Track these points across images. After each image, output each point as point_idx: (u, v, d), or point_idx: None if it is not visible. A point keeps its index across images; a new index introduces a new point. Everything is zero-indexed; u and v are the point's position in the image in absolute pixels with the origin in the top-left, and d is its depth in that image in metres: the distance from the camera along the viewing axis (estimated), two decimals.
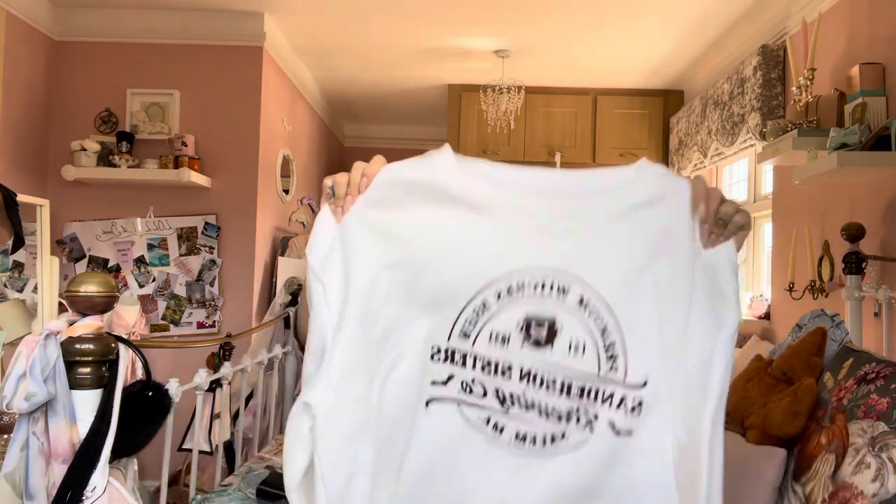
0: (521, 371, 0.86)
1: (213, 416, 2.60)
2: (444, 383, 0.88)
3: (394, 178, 0.88)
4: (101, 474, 1.20)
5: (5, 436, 1.87)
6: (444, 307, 0.87)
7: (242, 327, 3.64)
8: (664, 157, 4.76)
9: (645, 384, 0.85)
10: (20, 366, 1.17)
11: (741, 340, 3.44)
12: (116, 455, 1.27)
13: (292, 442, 0.88)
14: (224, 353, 2.61)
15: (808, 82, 2.46)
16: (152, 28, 3.75)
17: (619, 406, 0.86)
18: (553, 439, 0.87)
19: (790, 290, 2.66)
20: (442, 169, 0.88)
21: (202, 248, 3.76)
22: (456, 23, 3.78)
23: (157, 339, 3.69)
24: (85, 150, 3.52)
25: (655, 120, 4.80)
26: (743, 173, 4.12)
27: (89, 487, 1.19)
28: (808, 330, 1.89)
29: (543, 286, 0.85)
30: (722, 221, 0.83)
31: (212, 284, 3.76)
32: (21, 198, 2.56)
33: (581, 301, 0.84)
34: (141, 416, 1.32)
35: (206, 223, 3.76)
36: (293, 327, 3.15)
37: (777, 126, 2.56)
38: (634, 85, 4.75)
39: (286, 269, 3.89)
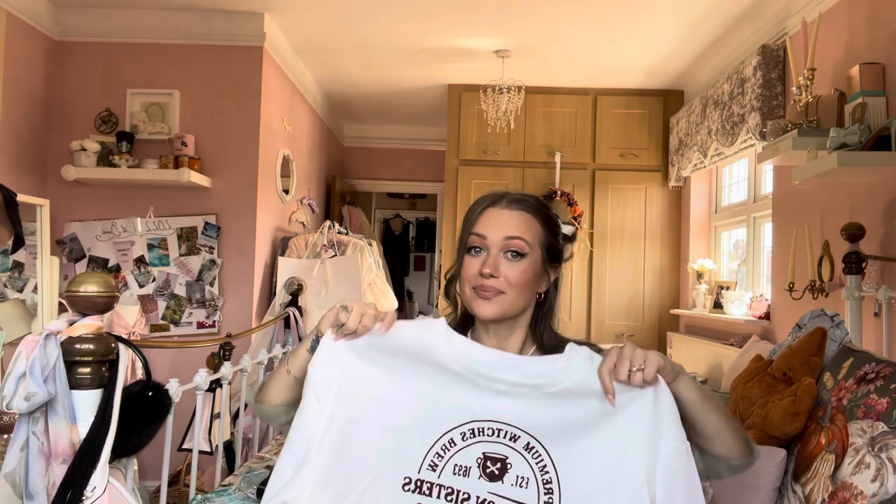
0: (478, 499, 1.02)
1: (213, 416, 2.60)
2: None
3: (398, 334, 1.10)
4: (101, 474, 1.20)
5: (5, 436, 1.87)
6: (415, 441, 1.06)
7: (242, 327, 3.65)
8: (664, 157, 4.76)
9: None
10: (20, 366, 1.17)
11: (741, 341, 3.44)
12: (116, 455, 1.27)
13: None
14: (224, 353, 2.61)
15: (808, 82, 2.46)
16: (152, 28, 3.75)
17: None
18: None
19: (790, 290, 2.66)
20: (435, 334, 1.11)
21: (202, 248, 3.76)
22: (456, 23, 3.78)
23: (157, 339, 3.69)
24: (85, 150, 3.52)
25: (655, 120, 4.79)
26: (743, 173, 4.12)
27: (89, 487, 1.19)
28: (808, 330, 1.89)
29: (498, 432, 1.06)
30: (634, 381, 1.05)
31: (212, 284, 3.76)
32: (21, 198, 2.57)
33: (527, 446, 1.05)
34: (141, 416, 1.32)
35: (206, 223, 3.76)
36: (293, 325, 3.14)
37: (777, 126, 2.56)
38: (634, 85, 4.75)
39: (286, 269, 3.89)
